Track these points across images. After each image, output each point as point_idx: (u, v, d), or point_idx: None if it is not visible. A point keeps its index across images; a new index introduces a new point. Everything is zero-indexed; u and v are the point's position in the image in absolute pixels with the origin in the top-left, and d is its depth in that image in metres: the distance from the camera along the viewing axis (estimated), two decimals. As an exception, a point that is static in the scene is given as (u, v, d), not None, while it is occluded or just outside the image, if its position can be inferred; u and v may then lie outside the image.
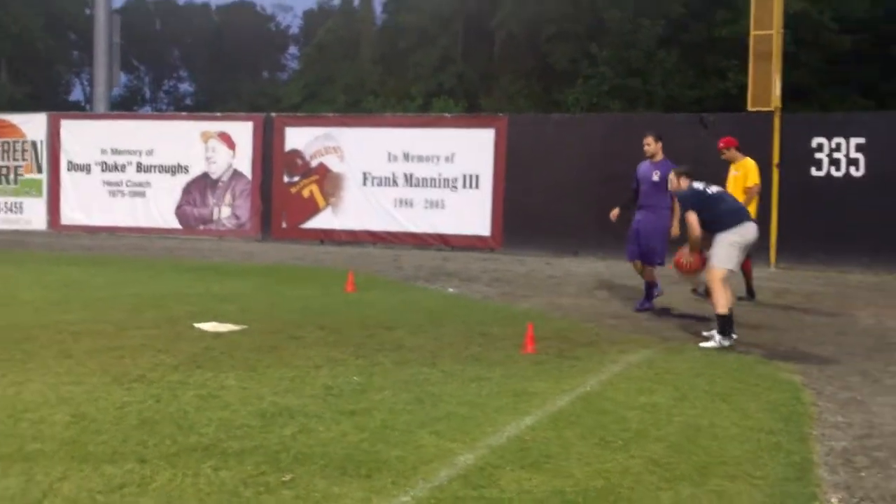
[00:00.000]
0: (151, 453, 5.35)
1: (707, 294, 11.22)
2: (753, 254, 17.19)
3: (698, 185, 9.94)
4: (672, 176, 10.36)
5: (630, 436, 5.95)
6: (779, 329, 10.64)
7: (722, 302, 9.32)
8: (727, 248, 9.50)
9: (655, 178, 11.83)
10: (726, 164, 13.39)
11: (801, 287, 14.60)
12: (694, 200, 9.73)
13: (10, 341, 8.60)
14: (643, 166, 12.13)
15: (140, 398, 6.57)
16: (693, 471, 5.30)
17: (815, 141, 17.34)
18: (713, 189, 9.94)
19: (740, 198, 12.38)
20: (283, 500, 4.67)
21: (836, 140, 17.26)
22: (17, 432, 5.71)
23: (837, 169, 17.18)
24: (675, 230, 11.71)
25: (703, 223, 9.62)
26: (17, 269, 14.92)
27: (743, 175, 12.91)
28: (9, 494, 4.66)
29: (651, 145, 12.06)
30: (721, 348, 9.13)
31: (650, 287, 11.96)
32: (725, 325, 9.32)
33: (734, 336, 9.32)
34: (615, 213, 12.43)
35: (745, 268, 12.55)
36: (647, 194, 11.99)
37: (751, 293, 13.01)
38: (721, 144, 13.40)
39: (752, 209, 12.51)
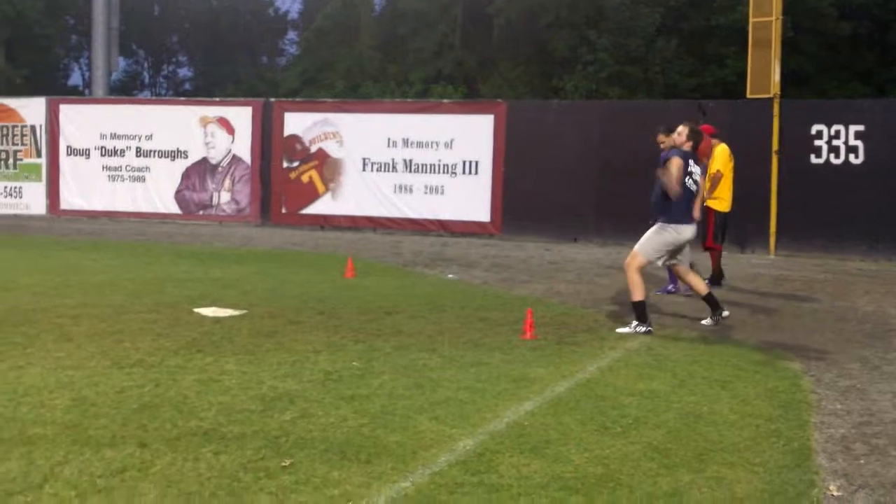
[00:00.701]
0: (152, 437, 5.36)
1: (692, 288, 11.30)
2: (753, 241, 17.33)
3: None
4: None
5: (629, 422, 5.96)
6: (778, 316, 10.65)
7: (639, 290, 9.29)
8: (660, 243, 9.48)
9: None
10: None
11: (800, 274, 14.61)
12: (684, 160, 9.52)
13: (10, 325, 8.61)
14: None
15: (140, 382, 6.59)
16: (692, 457, 5.32)
17: (815, 128, 17.33)
18: (695, 172, 9.70)
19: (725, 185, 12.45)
20: (283, 484, 4.68)
21: (835, 127, 17.25)
22: (17, 416, 5.72)
23: (837, 156, 17.17)
24: (697, 213, 11.76)
25: (660, 196, 9.48)
26: (16, 254, 14.92)
27: (710, 163, 12.80)
28: (10, 478, 4.67)
29: (664, 142, 12.06)
30: (637, 335, 9.08)
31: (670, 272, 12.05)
32: (642, 312, 9.28)
33: (651, 327, 9.29)
34: None
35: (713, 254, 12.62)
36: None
37: (720, 277, 12.95)
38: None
39: (724, 196, 12.50)
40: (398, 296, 11.34)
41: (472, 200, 19.97)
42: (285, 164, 21.46)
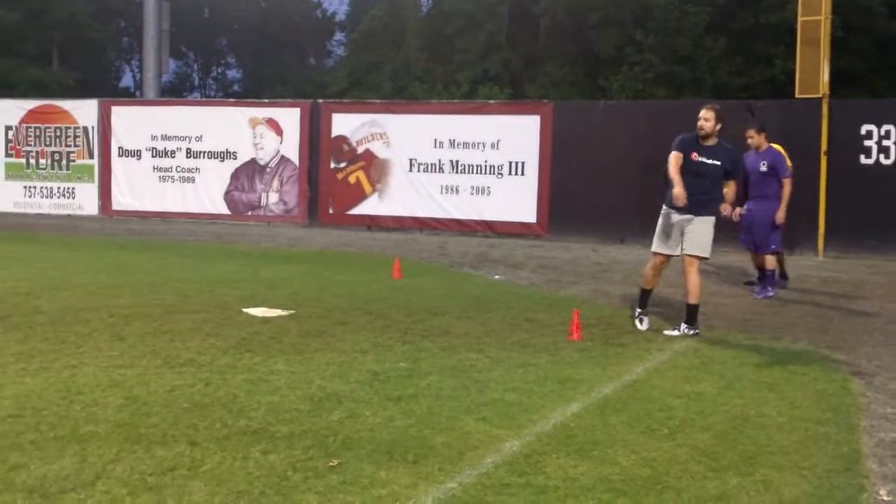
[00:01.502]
0: (201, 436, 5.43)
1: (759, 280, 11.30)
2: (801, 242, 17.14)
3: None
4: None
5: (676, 424, 5.94)
6: (827, 318, 10.55)
7: (699, 293, 9.25)
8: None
9: (763, 168, 12.02)
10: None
11: (849, 276, 14.46)
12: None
13: (64, 324, 8.75)
14: (749, 157, 12.15)
15: (190, 382, 6.67)
16: (740, 460, 5.29)
17: (864, 128, 17.11)
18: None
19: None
20: (330, 484, 4.72)
21: (885, 127, 17.02)
22: (71, 414, 5.81)
23: (887, 157, 16.95)
24: (782, 216, 11.76)
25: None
26: (69, 254, 15.14)
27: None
28: (63, 475, 4.75)
29: (754, 137, 12.11)
30: (685, 337, 9.05)
31: (767, 275, 12.10)
32: (695, 314, 9.22)
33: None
34: (738, 212, 10.88)
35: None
36: (756, 185, 12.15)
37: (784, 275, 12.91)
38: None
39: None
40: (445, 296, 11.37)
41: (518, 201, 19.94)
42: (333, 165, 21.57)
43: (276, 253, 16.43)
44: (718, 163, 9.30)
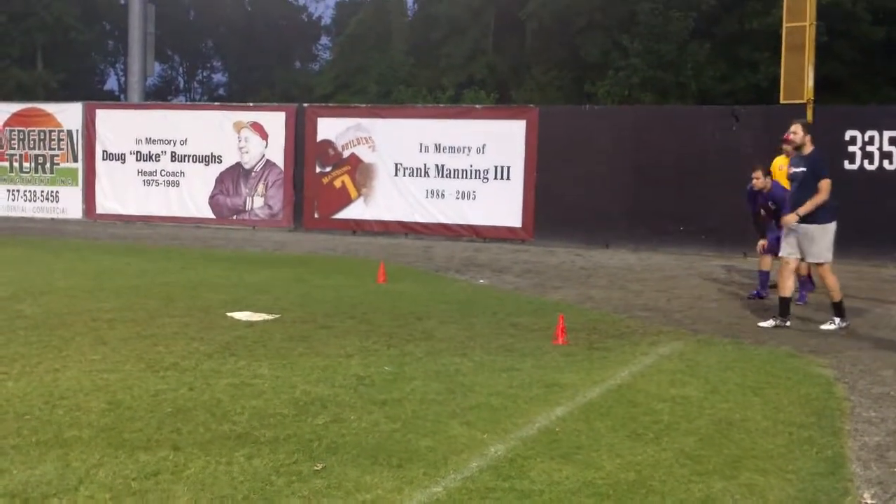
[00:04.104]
0: (185, 441, 5.41)
1: (774, 286, 11.61)
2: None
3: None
4: (799, 128, 10.54)
5: (661, 428, 5.95)
6: (811, 323, 10.58)
7: (837, 288, 10.08)
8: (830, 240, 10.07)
9: (773, 207, 11.95)
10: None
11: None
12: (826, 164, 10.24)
13: (47, 328, 8.71)
14: (760, 198, 12.14)
15: (174, 386, 6.64)
16: (724, 464, 5.30)
17: (849, 134, 17.19)
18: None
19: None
20: (315, 488, 4.71)
21: (869, 133, 17.11)
22: (53, 419, 5.78)
23: (871, 162, 17.03)
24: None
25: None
26: (52, 258, 15.07)
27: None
28: (46, 480, 4.73)
29: (760, 179, 12.00)
30: (839, 329, 9.99)
31: (805, 282, 12.28)
32: (841, 309, 10.12)
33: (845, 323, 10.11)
34: (762, 244, 12.24)
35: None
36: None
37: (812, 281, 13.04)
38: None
39: None
40: (430, 301, 11.36)
41: (503, 206, 19.96)
42: (318, 170, 21.55)
43: (260, 257, 16.39)
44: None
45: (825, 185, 9.97)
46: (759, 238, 12.28)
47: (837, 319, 10.11)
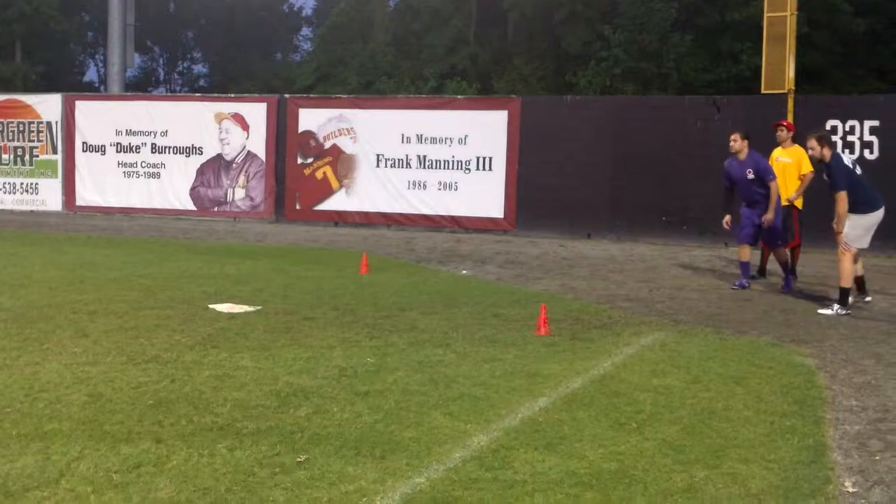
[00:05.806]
0: (167, 433, 5.39)
1: (760, 273, 12.58)
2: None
3: (845, 159, 10.75)
4: (814, 143, 10.75)
5: (644, 418, 5.96)
6: (792, 312, 10.62)
7: (847, 276, 10.44)
8: (861, 230, 10.53)
9: (750, 176, 12.13)
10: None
11: (814, 270, 14.54)
12: (848, 180, 10.46)
13: (27, 321, 8.66)
14: (733, 165, 12.32)
15: (155, 378, 6.62)
16: (707, 453, 5.31)
17: (829, 123, 17.24)
18: (856, 167, 10.81)
19: (791, 183, 12.54)
20: (297, 480, 4.70)
21: (850, 122, 17.19)
22: (34, 412, 5.75)
23: (851, 152, 17.07)
24: (771, 217, 11.90)
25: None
26: (32, 250, 14.99)
27: (796, 162, 12.87)
28: (26, 473, 4.70)
29: (737, 142, 12.18)
30: (838, 315, 10.25)
31: (788, 269, 12.45)
32: (846, 297, 10.43)
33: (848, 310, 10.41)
34: (727, 220, 12.47)
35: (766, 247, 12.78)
36: (748, 190, 12.27)
37: (762, 272, 13.21)
38: (785, 124, 13.43)
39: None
40: (412, 292, 11.35)
41: (485, 196, 19.96)
42: (299, 161, 21.50)
43: (242, 249, 16.35)
44: None
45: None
46: (723, 214, 12.56)
47: (837, 306, 10.41)
